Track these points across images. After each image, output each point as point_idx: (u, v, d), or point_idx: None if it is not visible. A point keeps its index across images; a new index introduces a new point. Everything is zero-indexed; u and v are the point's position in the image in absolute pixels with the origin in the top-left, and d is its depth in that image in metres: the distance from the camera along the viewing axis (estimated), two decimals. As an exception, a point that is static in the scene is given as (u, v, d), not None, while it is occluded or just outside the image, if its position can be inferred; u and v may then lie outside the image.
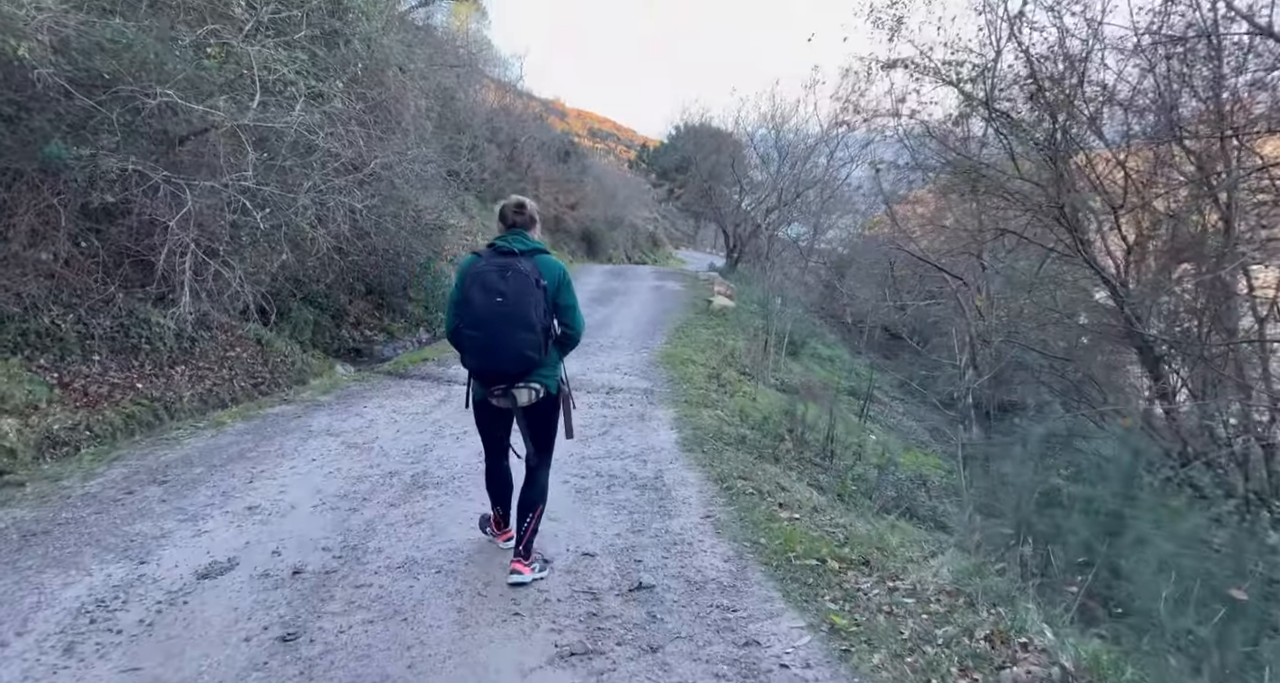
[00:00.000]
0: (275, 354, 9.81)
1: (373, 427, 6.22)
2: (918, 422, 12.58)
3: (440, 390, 7.96)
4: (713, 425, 6.44)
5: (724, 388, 8.60)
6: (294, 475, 4.86)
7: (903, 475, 6.12)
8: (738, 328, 13.67)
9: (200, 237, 8.21)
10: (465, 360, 3.20)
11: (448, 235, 14.51)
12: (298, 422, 6.37)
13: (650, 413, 7.00)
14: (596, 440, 5.91)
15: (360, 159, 10.41)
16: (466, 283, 3.14)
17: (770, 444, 5.96)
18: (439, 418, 6.59)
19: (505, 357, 3.11)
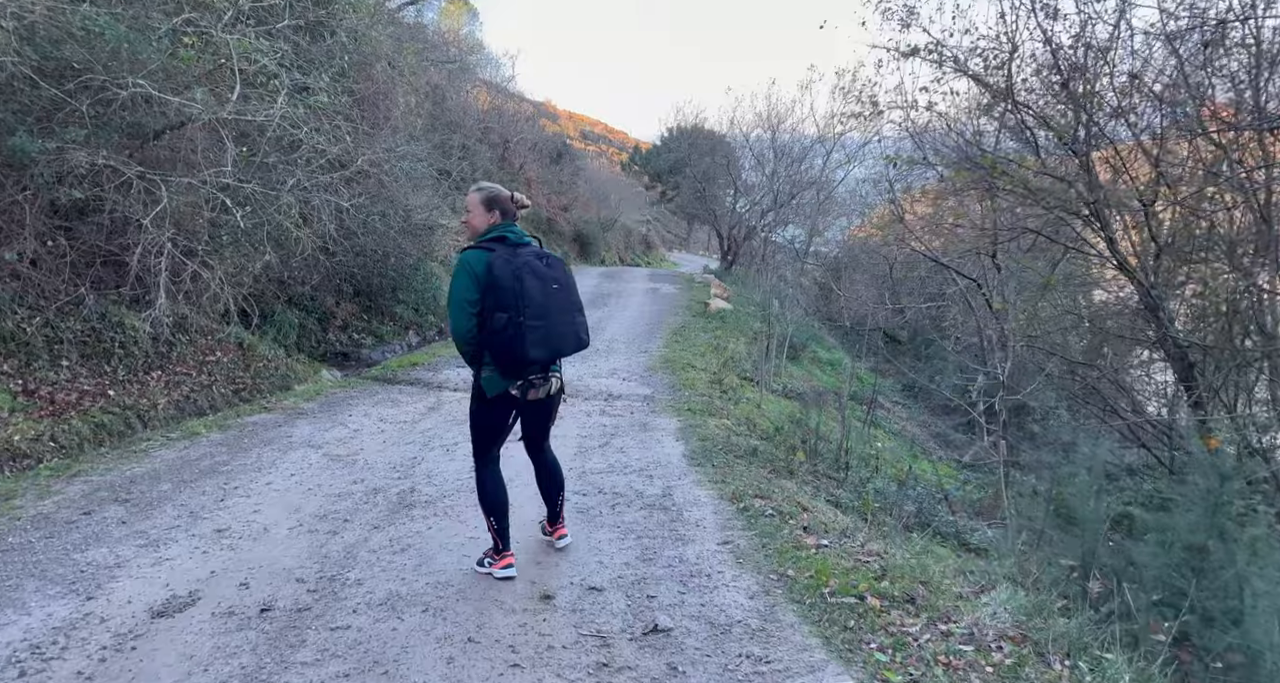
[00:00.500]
0: (258, 359, 9.39)
1: (358, 437, 5.82)
2: (922, 427, 12.23)
3: (429, 397, 7.56)
4: (721, 436, 6.06)
5: (727, 394, 8.23)
6: (270, 493, 4.46)
7: (922, 489, 5.75)
8: (736, 331, 13.30)
9: (177, 236, 7.81)
10: (520, 354, 3.12)
11: (438, 236, 14.09)
12: (278, 431, 5.96)
13: (653, 422, 6.63)
14: (597, 453, 5.54)
15: (347, 156, 10.01)
16: (503, 275, 3.09)
17: (783, 457, 5.58)
18: (428, 428, 6.19)
19: (568, 342, 3.25)
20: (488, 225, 3.33)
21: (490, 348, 3.16)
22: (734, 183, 25.61)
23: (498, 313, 3.10)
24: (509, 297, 3.09)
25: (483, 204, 3.34)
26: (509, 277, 3.09)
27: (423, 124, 12.52)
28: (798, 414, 7.81)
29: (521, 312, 3.08)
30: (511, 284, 3.09)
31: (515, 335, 3.09)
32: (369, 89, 10.36)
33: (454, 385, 8.23)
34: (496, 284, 3.10)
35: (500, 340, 3.11)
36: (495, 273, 3.10)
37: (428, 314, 13.32)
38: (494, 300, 3.11)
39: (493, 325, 3.12)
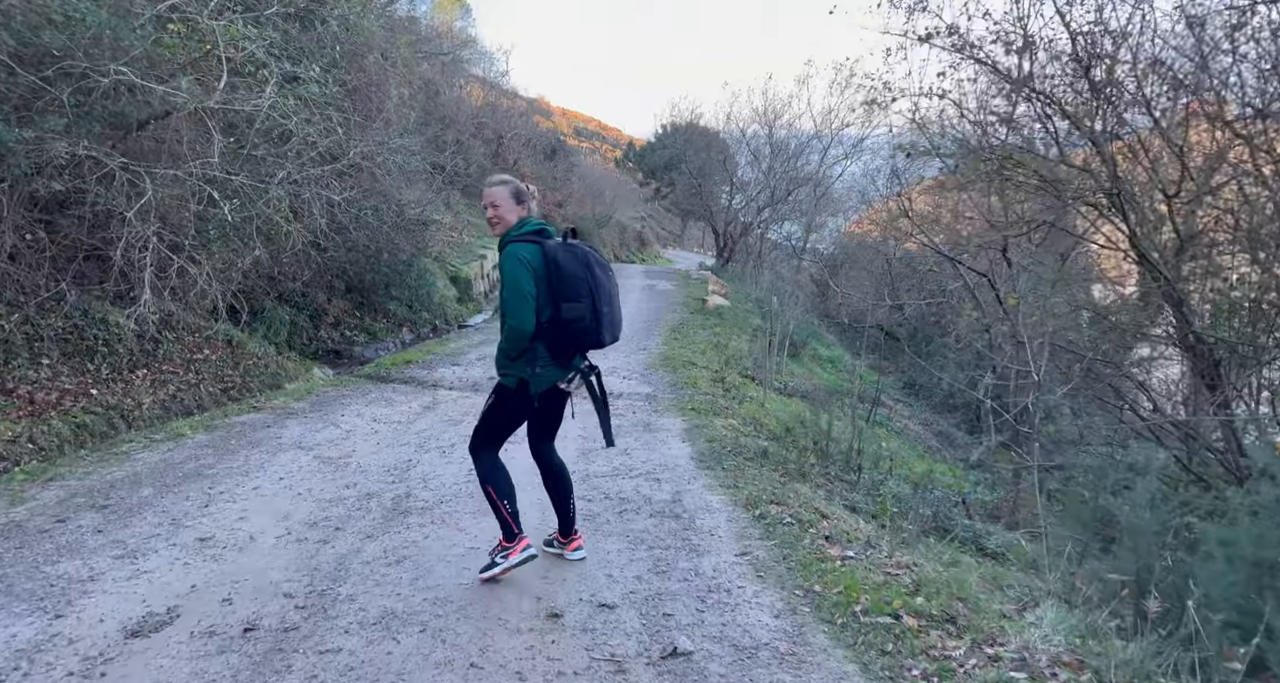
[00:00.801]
0: (247, 357, 9.14)
1: (350, 438, 5.57)
2: (924, 426, 12.05)
3: (424, 396, 7.32)
4: (728, 437, 5.86)
5: (730, 393, 8.01)
6: (257, 498, 4.21)
7: (939, 493, 5.54)
8: (735, 328, 13.10)
9: (162, 230, 7.55)
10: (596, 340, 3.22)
11: (432, 231, 13.82)
12: (267, 432, 5.71)
13: (657, 422, 6.41)
14: (600, 455, 5.30)
15: (339, 148, 9.75)
16: (570, 265, 3.13)
17: (795, 459, 5.37)
18: (424, 428, 5.95)
19: (620, 326, 3.34)
20: (519, 218, 3.30)
21: (550, 339, 3.17)
22: (730, 179, 25.39)
23: (567, 303, 3.12)
24: (581, 285, 3.12)
25: (512, 197, 3.30)
26: (578, 265, 3.13)
27: (416, 118, 12.25)
28: (804, 414, 7.61)
29: (599, 298, 3.14)
30: (582, 272, 3.13)
31: (593, 322, 3.15)
32: (361, 80, 10.09)
33: (449, 384, 7.99)
34: (562, 274, 3.11)
35: (571, 330, 3.15)
36: (560, 262, 3.11)
37: (421, 311, 13.06)
38: (561, 290, 3.12)
39: (563, 315, 3.12)
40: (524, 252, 3.14)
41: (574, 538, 3.65)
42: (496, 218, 3.29)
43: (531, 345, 3.15)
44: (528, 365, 3.18)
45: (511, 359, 3.22)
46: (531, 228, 3.26)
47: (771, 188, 22.22)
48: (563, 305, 3.12)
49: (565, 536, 3.65)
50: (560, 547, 3.66)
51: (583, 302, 3.12)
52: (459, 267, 15.75)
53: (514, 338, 3.16)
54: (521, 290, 3.10)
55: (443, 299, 13.82)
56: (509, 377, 3.25)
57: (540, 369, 3.18)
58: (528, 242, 3.19)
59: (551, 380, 3.26)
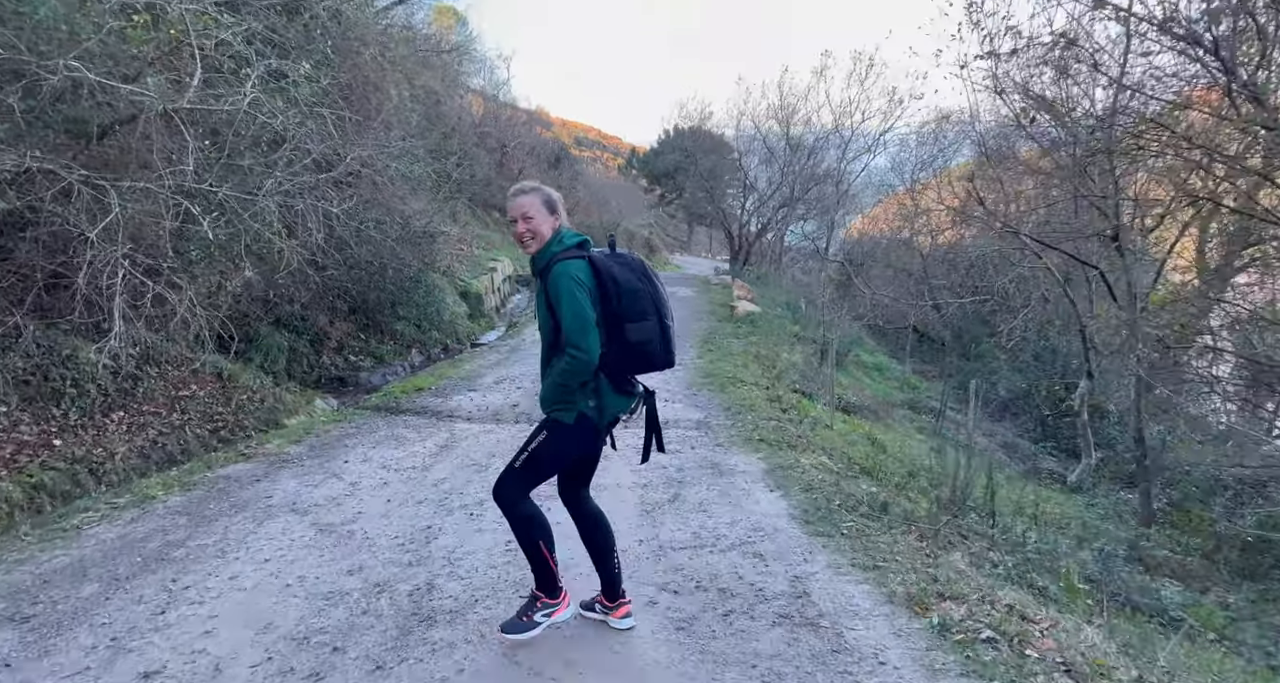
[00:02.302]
0: (240, 390, 8.19)
1: (354, 495, 4.58)
2: (986, 436, 10.98)
3: (440, 431, 6.33)
4: (824, 481, 4.84)
5: (788, 413, 7.00)
6: (232, 595, 3.22)
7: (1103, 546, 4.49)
8: (771, 336, 12.08)
9: (135, 251, 6.62)
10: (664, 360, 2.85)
11: (439, 245, 12.86)
12: (255, 490, 4.73)
13: (726, 461, 5.41)
14: (669, 512, 4.31)
15: (335, 155, 8.80)
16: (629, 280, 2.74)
17: (925, 512, 4.28)
18: (443, 478, 4.95)
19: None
20: (553, 230, 2.88)
21: (612, 367, 2.78)
22: (744, 178, 24.37)
23: (632, 324, 2.73)
24: (645, 301, 2.76)
25: (545, 206, 2.87)
26: (637, 279, 2.76)
27: (418, 122, 11.30)
28: (875, 435, 6.59)
29: (664, 313, 2.83)
30: (643, 285, 2.76)
31: (661, 343, 2.80)
32: (356, 79, 9.15)
33: (466, 414, 7.01)
34: (622, 290, 2.72)
35: (639, 353, 2.77)
36: (618, 278, 2.72)
37: (431, 330, 12.10)
38: (625, 309, 2.72)
39: (630, 338, 2.74)
40: (575, 269, 2.71)
41: (621, 602, 3.12)
42: (530, 232, 2.83)
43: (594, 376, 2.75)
44: (589, 399, 2.78)
45: (565, 395, 2.77)
46: (572, 240, 2.85)
47: (791, 185, 21.21)
48: (628, 327, 2.72)
49: (611, 599, 3.12)
50: (604, 612, 3.13)
51: (649, 320, 2.75)
52: (469, 281, 14.80)
53: (577, 371, 2.69)
54: (585, 316, 2.66)
55: (453, 317, 12.86)
56: (566, 411, 2.79)
57: (606, 402, 2.79)
58: (575, 257, 2.76)
59: (616, 413, 2.88)
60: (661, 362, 2.83)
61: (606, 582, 3.10)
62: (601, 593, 3.13)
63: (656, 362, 2.82)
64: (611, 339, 2.73)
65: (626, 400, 2.88)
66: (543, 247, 2.82)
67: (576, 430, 2.81)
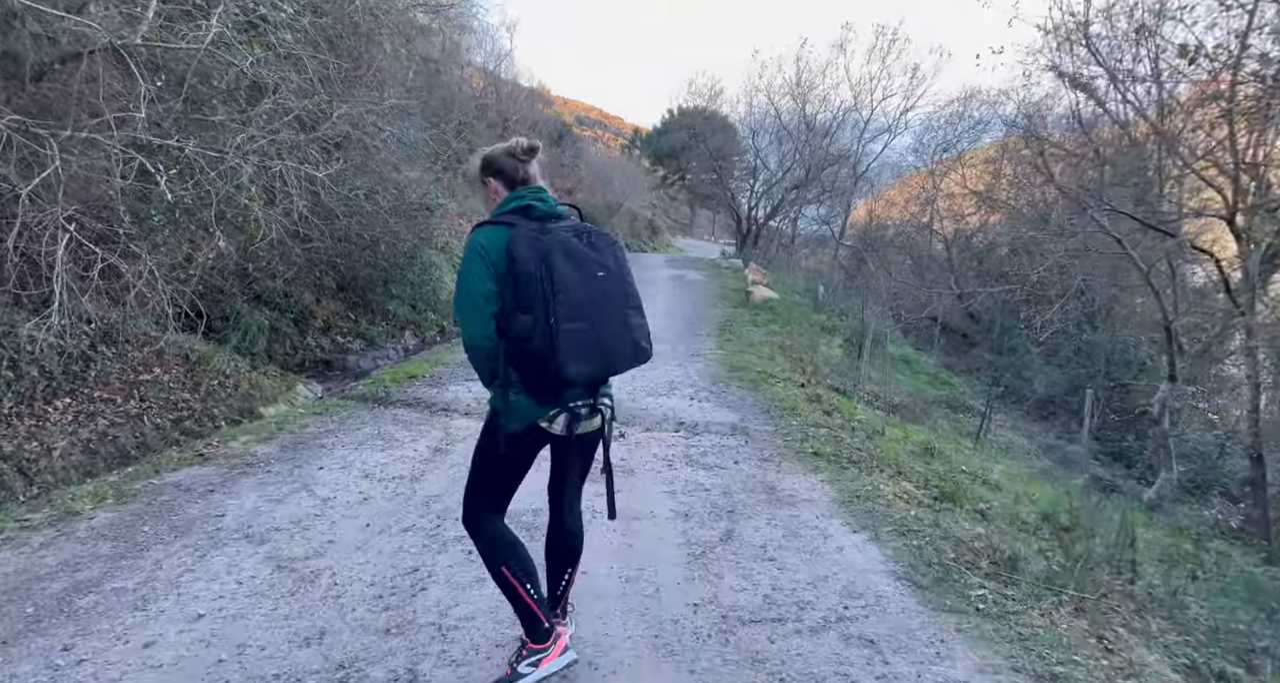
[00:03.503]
0: (210, 375, 7.30)
1: (326, 516, 3.70)
2: (1026, 437, 10.16)
3: (433, 430, 5.46)
4: (919, 520, 3.88)
5: (833, 416, 6.13)
6: (142, 675, 2.34)
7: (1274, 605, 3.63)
8: (793, 325, 11.20)
9: (82, 213, 5.71)
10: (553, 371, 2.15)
11: (437, 219, 11.90)
12: (205, 505, 3.85)
13: (781, 482, 4.45)
14: (725, 559, 3.34)
15: (320, 113, 7.86)
16: (526, 259, 2.16)
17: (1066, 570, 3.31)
18: (436, 493, 4.07)
19: (623, 353, 2.29)
20: (499, 198, 2.43)
21: (515, 362, 2.24)
22: (756, 157, 23.34)
23: (521, 314, 2.19)
24: (534, 289, 2.17)
25: (472, 182, 2.55)
26: (533, 260, 2.19)
27: (413, 81, 10.33)
28: (931, 443, 5.73)
29: (552, 311, 2.16)
30: (537, 270, 2.18)
31: (545, 345, 2.16)
32: (345, 27, 8.17)
33: (465, 408, 6.15)
34: (519, 273, 2.19)
35: (526, 352, 2.20)
36: (516, 256, 2.19)
37: (427, 311, 11.19)
38: (517, 296, 2.19)
39: (516, 331, 2.20)
40: (484, 238, 2.28)
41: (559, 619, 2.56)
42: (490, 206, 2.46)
43: (499, 365, 2.28)
44: (499, 391, 2.33)
45: (484, 383, 2.39)
46: (509, 205, 2.37)
47: (807, 166, 20.21)
48: (516, 317, 2.21)
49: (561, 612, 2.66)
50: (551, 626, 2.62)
51: (533, 313, 2.18)
52: (467, 259, 13.87)
53: (469, 353, 2.35)
54: (468, 290, 2.26)
55: (450, 297, 11.93)
56: (489, 405, 2.43)
57: (514, 399, 2.28)
58: (499, 224, 2.30)
59: (527, 416, 2.30)
60: (551, 369, 2.17)
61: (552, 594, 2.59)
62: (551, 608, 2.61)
63: (545, 368, 2.18)
64: (506, 328, 2.23)
65: (538, 409, 2.27)
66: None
67: (491, 429, 2.39)
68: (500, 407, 2.31)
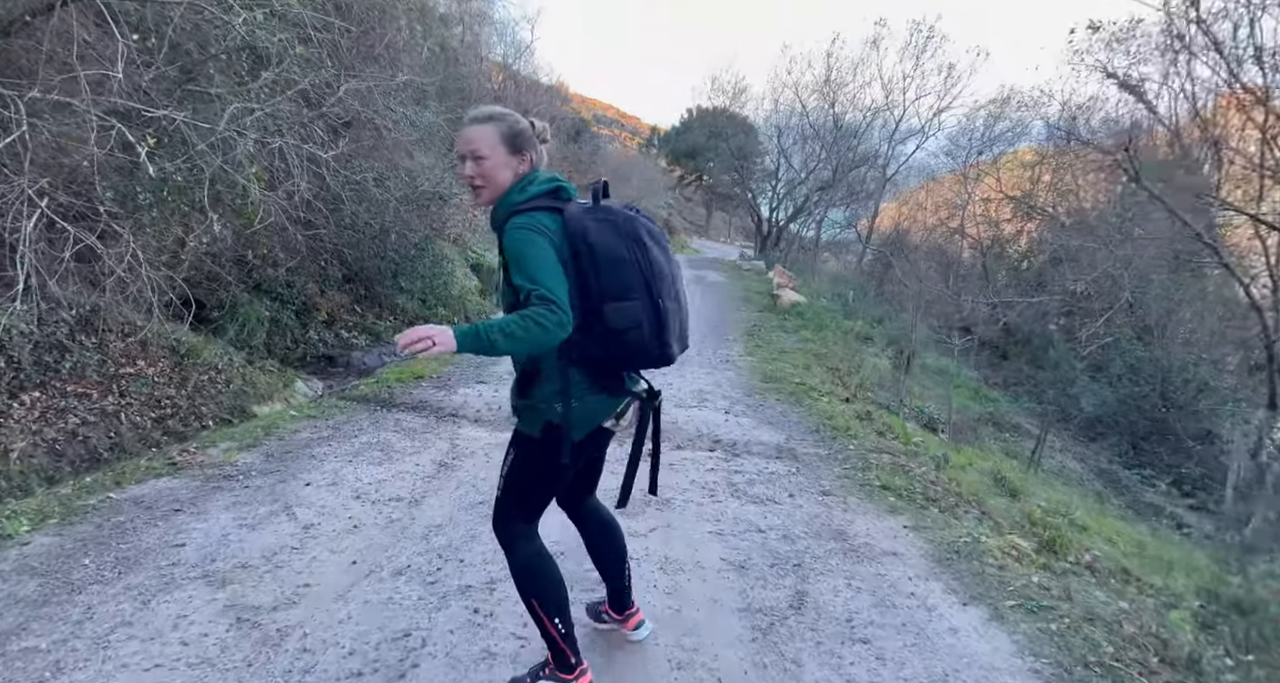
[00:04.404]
0: (200, 369, 6.73)
1: (306, 549, 3.07)
2: (1078, 461, 9.44)
3: (439, 439, 4.84)
4: (1046, 591, 3.06)
5: (885, 437, 5.45)
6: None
7: None
8: (824, 332, 10.52)
9: (53, 187, 5.13)
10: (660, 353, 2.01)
11: (450, 209, 11.29)
12: (165, 528, 3.24)
13: (852, 525, 3.71)
14: (803, 643, 2.59)
15: (327, 88, 7.27)
16: (608, 243, 1.95)
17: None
18: (438, 521, 3.41)
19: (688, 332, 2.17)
20: (516, 175, 2.07)
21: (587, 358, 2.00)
22: (780, 156, 22.61)
23: (613, 303, 1.94)
24: (630, 273, 1.95)
25: (505, 143, 2.04)
26: (621, 243, 1.96)
27: (428, 59, 9.72)
28: (1000, 471, 5.05)
29: (657, 290, 1.98)
30: (630, 254, 1.96)
31: (655, 328, 1.98)
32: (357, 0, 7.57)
33: (474, 415, 5.53)
34: (598, 259, 1.94)
35: (621, 344, 1.97)
36: (592, 240, 1.94)
37: (437, 306, 10.58)
38: (602, 284, 1.93)
39: (609, 323, 1.94)
40: (547, 221, 1.95)
41: (630, 613, 2.55)
42: (480, 177, 2.04)
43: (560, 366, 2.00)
44: (555, 402, 2.01)
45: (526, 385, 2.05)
46: (542, 188, 2.04)
47: (834, 166, 19.49)
48: (607, 308, 1.94)
49: (620, 610, 2.55)
50: (613, 622, 2.57)
51: (634, 298, 1.96)
52: (481, 253, 13.25)
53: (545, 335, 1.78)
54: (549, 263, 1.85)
55: (463, 292, 11.34)
56: (527, 418, 2.09)
57: (578, 403, 2.02)
58: (540, 209, 1.98)
59: (596, 421, 2.08)
60: (655, 355, 2.04)
61: (614, 594, 2.52)
62: (608, 603, 2.55)
63: (648, 355, 2.05)
64: (586, 323, 1.96)
65: (611, 402, 2.10)
66: (499, 196, 2.06)
67: (542, 445, 2.07)
68: (560, 417, 2.03)
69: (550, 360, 2.01)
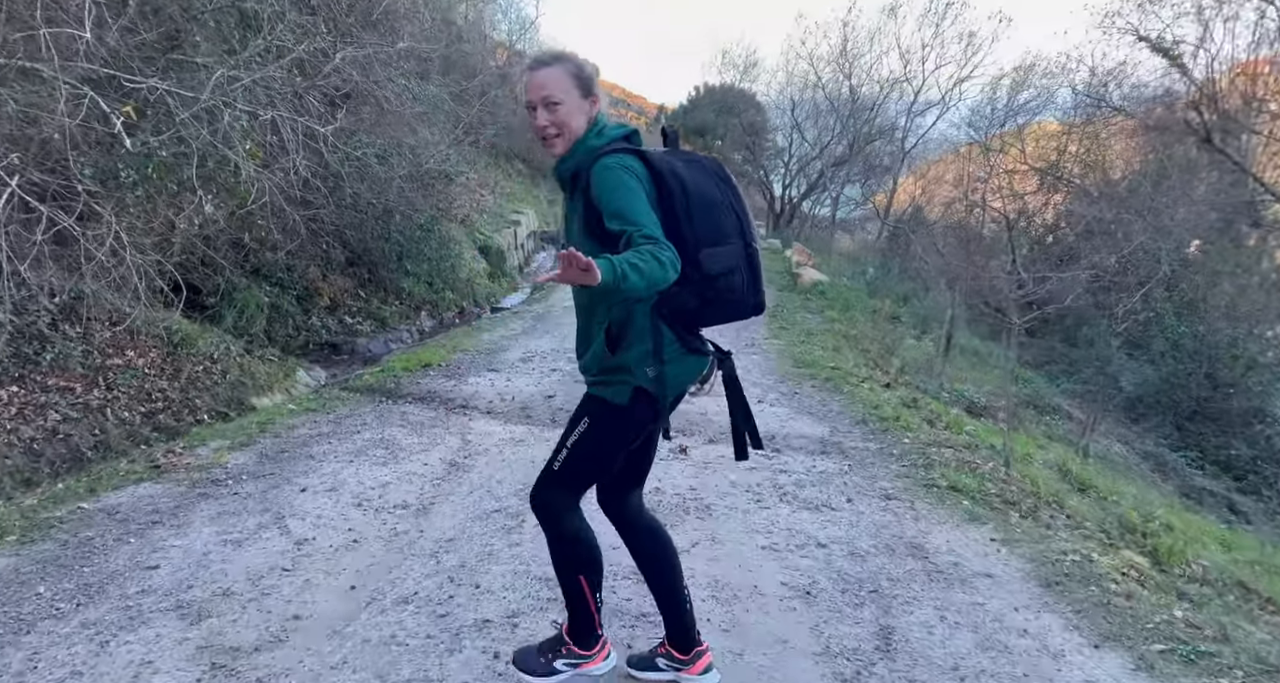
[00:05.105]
0: (194, 359, 6.32)
1: (297, 571, 2.65)
2: (1123, 444, 8.97)
3: (449, 434, 4.42)
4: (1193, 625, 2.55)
5: (935, 426, 4.99)
6: None
7: None
8: (850, 311, 10.04)
9: (23, 164, 4.71)
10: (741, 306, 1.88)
11: (456, 189, 10.81)
12: (138, 546, 2.83)
13: (929, 536, 3.19)
14: None
15: (323, 56, 6.80)
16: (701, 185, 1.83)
17: None
18: (451, 537, 2.97)
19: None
20: (590, 120, 1.90)
21: (681, 313, 1.83)
22: (795, 130, 21.96)
23: (708, 249, 1.78)
24: (725, 217, 1.83)
25: (578, 85, 1.87)
26: (712, 184, 1.85)
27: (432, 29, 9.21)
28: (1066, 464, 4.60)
29: (750, 233, 1.89)
30: (723, 195, 1.86)
31: (750, 274, 1.86)
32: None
33: (487, 406, 5.10)
34: (690, 199, 1.79)
35: (718, 291, 1.81)
36: (685, 182, 1.79)
37: (445, 290, 10.14)
38: (697, 228, 1.79)
39: (705, 268, 1.78)
40: (633, 162, 1.77)
41: (699, 652, 2.09)
42: (555, 124, 1.84)
43: (651, 322, 1.81)
44: (646, 365, 1.81)
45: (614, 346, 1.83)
46: (617, 131, 1.90)
47: (851, 140, 18.86)
48: (703, 254, 1.77)
49: (684, 649, 2.09)
50: (674, 667, 2.10)
51: (731, 243, 1.83)
52: (489, 235, 12.79)
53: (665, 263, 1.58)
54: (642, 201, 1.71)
55: (471, 275, 10.89)
56: (613, 383, 1.84)
57: (671, 364, 1.83)
58: (624, 152, 1.80)
59: (685, 384, 1.90)
60: (749, 302, 1.89)
61: (674, 625, 2.11)
62: (667, 640, 2.14)
63: (743, 303, 1.89)
64: (680, 273, 1.68)
65: (699, 363, 1.91)
66: (576, 142, 1.86)
67: (630, 414, 1.86)
68: (652, 382, 1.83)
69: (642, 315, 1.82)
